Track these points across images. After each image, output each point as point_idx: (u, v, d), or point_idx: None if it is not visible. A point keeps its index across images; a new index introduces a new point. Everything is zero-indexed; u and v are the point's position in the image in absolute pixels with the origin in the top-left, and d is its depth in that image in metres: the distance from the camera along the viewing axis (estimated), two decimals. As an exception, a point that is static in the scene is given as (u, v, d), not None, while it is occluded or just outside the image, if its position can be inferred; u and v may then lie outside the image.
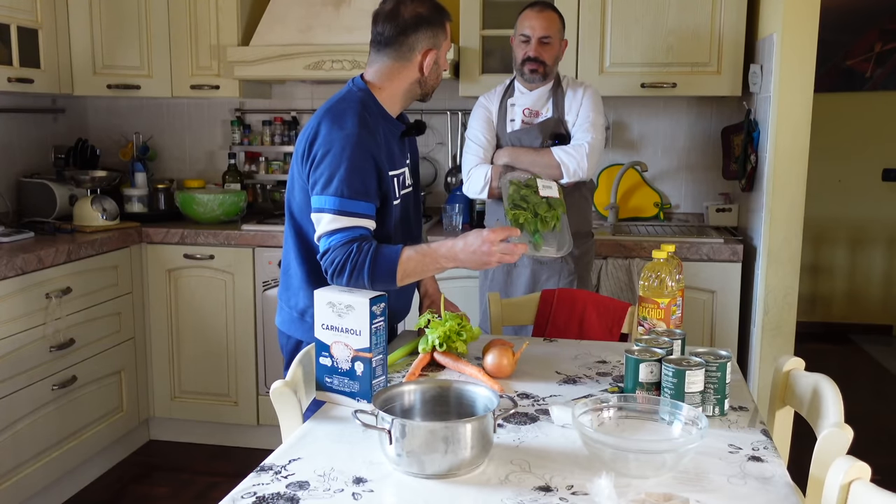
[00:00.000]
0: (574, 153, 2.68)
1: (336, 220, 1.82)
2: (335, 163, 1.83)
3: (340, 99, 1.95)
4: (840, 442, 1.41)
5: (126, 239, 3.38)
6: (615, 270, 3.15)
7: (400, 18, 1.92)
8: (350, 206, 1.82)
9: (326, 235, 1.83)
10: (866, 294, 5.53)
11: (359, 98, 1.94)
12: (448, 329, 1.87)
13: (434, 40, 1.95)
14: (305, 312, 2.01)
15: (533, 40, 2.68)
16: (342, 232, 1.82)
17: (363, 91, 1.96)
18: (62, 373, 3.02)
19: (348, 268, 1.79)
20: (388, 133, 1.96)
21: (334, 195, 1.82)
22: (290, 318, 2.06)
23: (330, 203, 1.83)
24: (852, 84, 5.35)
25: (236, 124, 3.94)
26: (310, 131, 1.91)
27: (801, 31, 2.90)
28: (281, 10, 3.48)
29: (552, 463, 1.37)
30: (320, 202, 1.84)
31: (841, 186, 5.41)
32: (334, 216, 1.82)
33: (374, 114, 1.93)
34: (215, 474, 3.32)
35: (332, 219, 1.82)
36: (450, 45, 2.02)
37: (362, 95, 1.95)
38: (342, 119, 1.88)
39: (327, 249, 1.82)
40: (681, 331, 1.80)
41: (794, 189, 2.99)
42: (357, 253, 1.79)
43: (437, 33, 1.95)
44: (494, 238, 1.77)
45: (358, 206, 1.83)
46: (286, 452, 1.42)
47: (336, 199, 1.82)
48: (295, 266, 2.02)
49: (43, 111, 3.79)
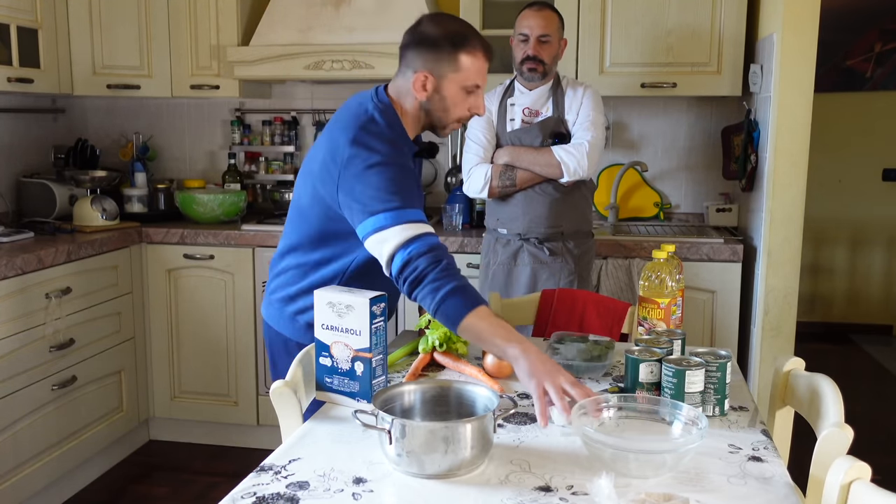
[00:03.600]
0: (574, 152, 2.68)
1: (406, 230, 1.69)
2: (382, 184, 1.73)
3: (369, 118, 1.84)
4: (840, 442, 1.40)
5: (126, 239, 3.38)
6: (615, 270, 3.15)
7: (412, 32, 1.85)
8: (412, 216, 1.72)
9: (402, 248, 1.68)
10: (866, 294, 5.53)
11: (384, 115, 1.85)
12: (448, 330, 1.87)
13: (434, 66, 1.80)
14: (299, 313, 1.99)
15: (531, 39, 2.68)
16: (417, 241, 1.69)
17: (386, 106, 1.87)
18: (62, 373, 3.02)
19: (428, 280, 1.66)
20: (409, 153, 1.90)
21: (389, 210, 1.71)
22: (281, 315, 2.03)
23: (390, 218, 1.71)
24: (852, 84, 5.35)
25: (236, 124, 3.94)
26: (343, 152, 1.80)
27: (801, 31, 2.90)
28: (281, 10, 3.48)
29: (552, 463, 1.37)
30: (378, 222, 1.72)
31: (841, 186, 5.41)
32: (402, 227, 1.70)
33: (397, 132, 1.86)
34: (215, 474, 3.32)
35: (400, 230, 1.70)
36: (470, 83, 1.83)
37: (385, 110, 1.86)
38: (375, 140, 1.79)
39: (408, 260, 1.68)
40: (681, 331, 1.80)
41: (794, 189, 2.99)
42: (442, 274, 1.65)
43: (439, 59, 1.80)
44: (569, 387, 1.50)
45: (417, 214, 1.73)
46: (286, 452, 1.42)
47: (394, 213, 1.71)
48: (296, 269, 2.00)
49: (43, 111, 3.79)
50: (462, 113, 1.87)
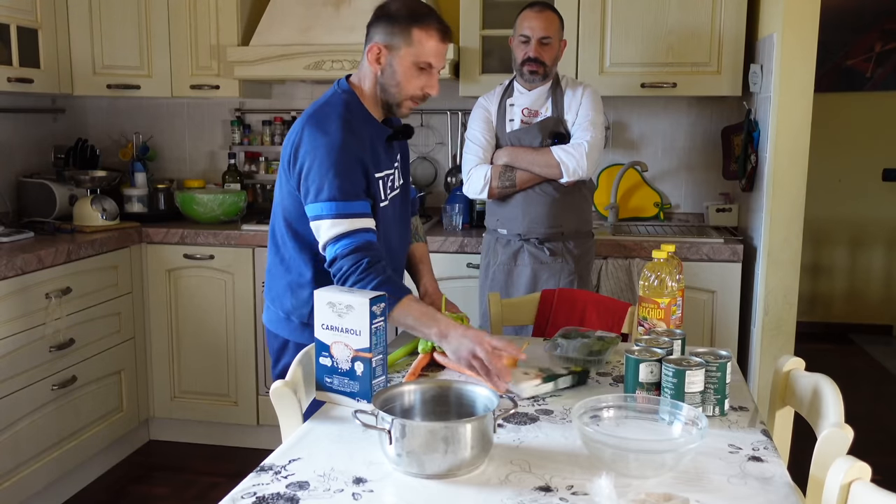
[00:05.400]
0: (573, 152, 2.68)
1: (336, 225, 1.81)
2: (324, 169, 1.82)
3: (324, 103, 1.94)
4: (840, 442, 1.40)
5: (126, 239, 3.38)
6: (615, 270, 3.15)
7: (376, 10, 1.92)
8: (346, 208, 1.82)
9: (331, 243, 1.82)
10: (866, 294, 5.53)
11: (342, 101, 1.93)
12: None
13: (389, 38, 1.87)
14: (291, 314, 2.02)
15: (532, 41, 2.68)
16: (346, 238, 1.81)
17: (347, 93, 1.95)
18: (62, 373, 3.02)
19: (351, 281, 1.79)
20: (373, 136, 1.94)
21: (328, 200, 1.81)
22: (277, 318, 2.06)
23: (326, 209, 1.82)
24: (852, 84, 5.34)
25: (236, 124, 3.94)
26: (294, 137, 1.91)
27: (801, 31, 2.90)
28: (281, 10, 3.48)
29: (552, 463, 1.37)
30: (316, 210, 1.83)
31: (841, 186, 5.41)
32: (333, 221, 1.81)
33: (357, 116, 1.91)
34: (215, 474, 3.32)
35: (331, 224, 1.82)
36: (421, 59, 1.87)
37: (346, 97, 1.94)
38: (326, 124, 1.87)
39: (335, 258, 1.81)
40: (681, 331, 1.80)
41: (794, 189, 2.99)
42: (365, 272, 1.78)
43: (394, 32, 1.86)
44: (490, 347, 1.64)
45: (354, 207, 1.83)
46: (286, 452, 1.42)
47: (331, 203, 1.81)
48: (279, 268, 2.03)
49: (43, 111, 3.79)
50: (415, 91, 1.92)
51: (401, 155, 2.13)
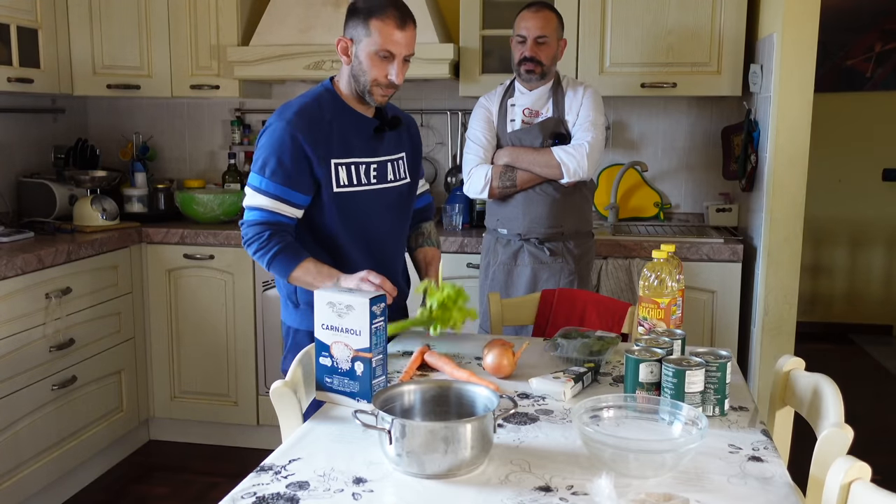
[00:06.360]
0: (574, 153, 2.68)
1: (256, 197, 1.99)
2: (267, 147, 1.98)
3: (300, 96, 2.07)
4: (840, 442, 1.40)
5: (126, 239, 3.38)
6: (615, 270, 3.15)
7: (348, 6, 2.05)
8: (270, 188, 1.97)
9: (249, 208, 2.00)
10: (866, 294, 5.53)
11: (315, 95, 2.06)
12: (446, 296, 1.89)
13: (353, 31, 1.99)
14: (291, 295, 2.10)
15: (529, 40, 2.68)
16: (261, 211, 1.98)
17: (324, 88, 2.07)
18: (62, 373, 3.02)
19: (253, 248, 1.99)
20: (348, 125, 2.04)
21: (259, 174, 1.98)
22: (285, 306, 2.15)
23: (255, 181, 1.99)
24: (852, 84, 5.34)
25: (236, 124, 3.94)
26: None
27: (801, 31, 2.90)
28: (281, 10, 3.48)
29: (552, 463, 1.37)
30: (254, 180, 2.00)
31: (841, 186, 5.41)
32: (255, 192, 1.99)
33: (328, 108, 2.03)
34: (215, 474, 3.32)
35: (253, 194, 1.99)
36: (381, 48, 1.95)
37: (321, 92, 2.06)
38: (287, 110, 2.01)
39: (244, 223, 2.01)
40: (681, 331, 1.80)
41: (794, 189, 2.99)
42: (266, 242, 1.96)
43: (356, 24, 1.98)
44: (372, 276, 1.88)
45: (277, 189, 1.97)
46: (286, 452, 1.42)
47: (261, 178, 1.98)
48: None
49: (43, 111, 3.79)
50: (380, 78, 2.00)
51: (407, 150, 2.19)
